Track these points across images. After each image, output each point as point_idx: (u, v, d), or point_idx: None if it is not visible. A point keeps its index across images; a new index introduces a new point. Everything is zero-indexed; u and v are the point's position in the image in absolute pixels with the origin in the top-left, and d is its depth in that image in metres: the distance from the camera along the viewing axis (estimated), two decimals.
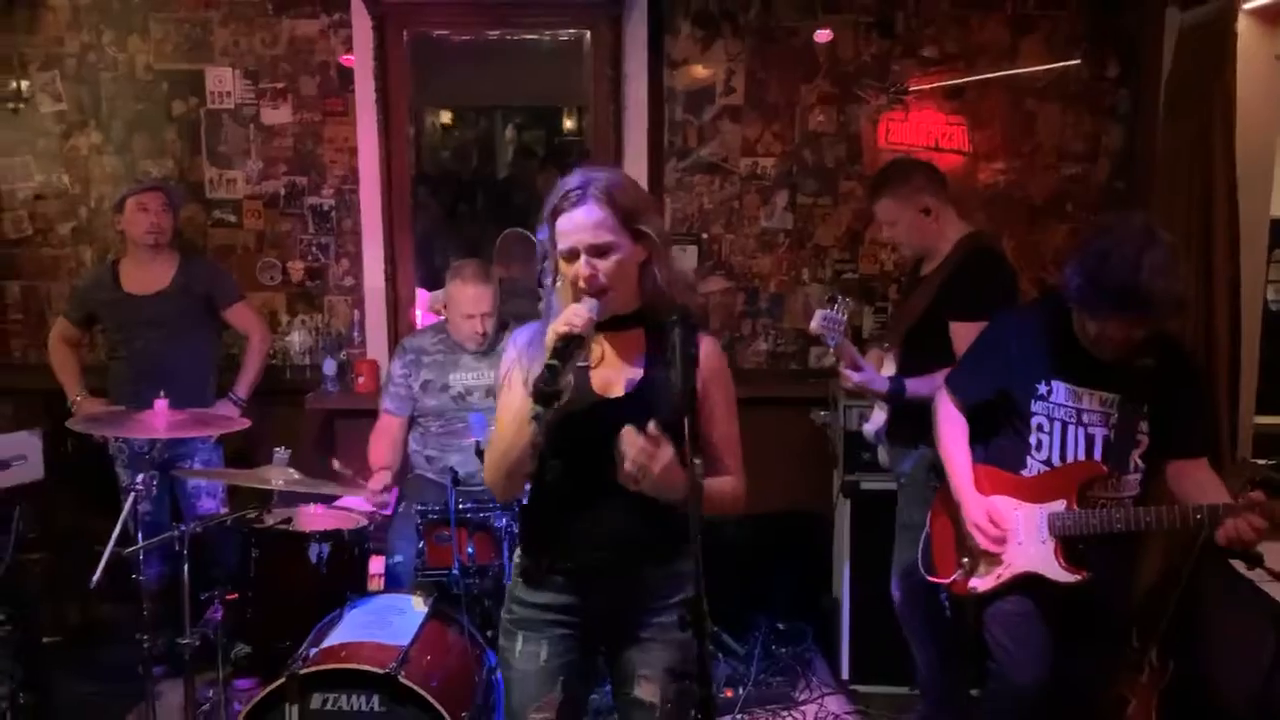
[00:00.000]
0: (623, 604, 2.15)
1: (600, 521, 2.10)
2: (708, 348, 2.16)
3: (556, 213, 2.05)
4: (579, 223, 2.02)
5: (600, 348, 2.12)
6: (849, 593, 3.89)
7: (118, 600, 3.59)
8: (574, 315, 1.96)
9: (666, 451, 1.94)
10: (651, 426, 1.94)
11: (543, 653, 2.15)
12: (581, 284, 2.02)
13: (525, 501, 2.23)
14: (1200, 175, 3.61)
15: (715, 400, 2.17)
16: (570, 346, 1.92)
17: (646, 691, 2.14)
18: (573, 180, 2.06)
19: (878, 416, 3.52)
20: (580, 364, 2.05)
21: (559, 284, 2.10)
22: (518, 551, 2.26)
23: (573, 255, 2.04)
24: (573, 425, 2.05)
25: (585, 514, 2.11)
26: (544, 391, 1.87)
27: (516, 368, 2.10)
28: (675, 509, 2.00)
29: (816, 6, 4.35)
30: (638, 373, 2.12)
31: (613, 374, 2.13)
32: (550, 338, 1.95)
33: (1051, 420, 2.68)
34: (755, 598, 4.23)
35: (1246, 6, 3.59)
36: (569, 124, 7.35)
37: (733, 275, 4.54)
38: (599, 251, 2.02)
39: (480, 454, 3.20)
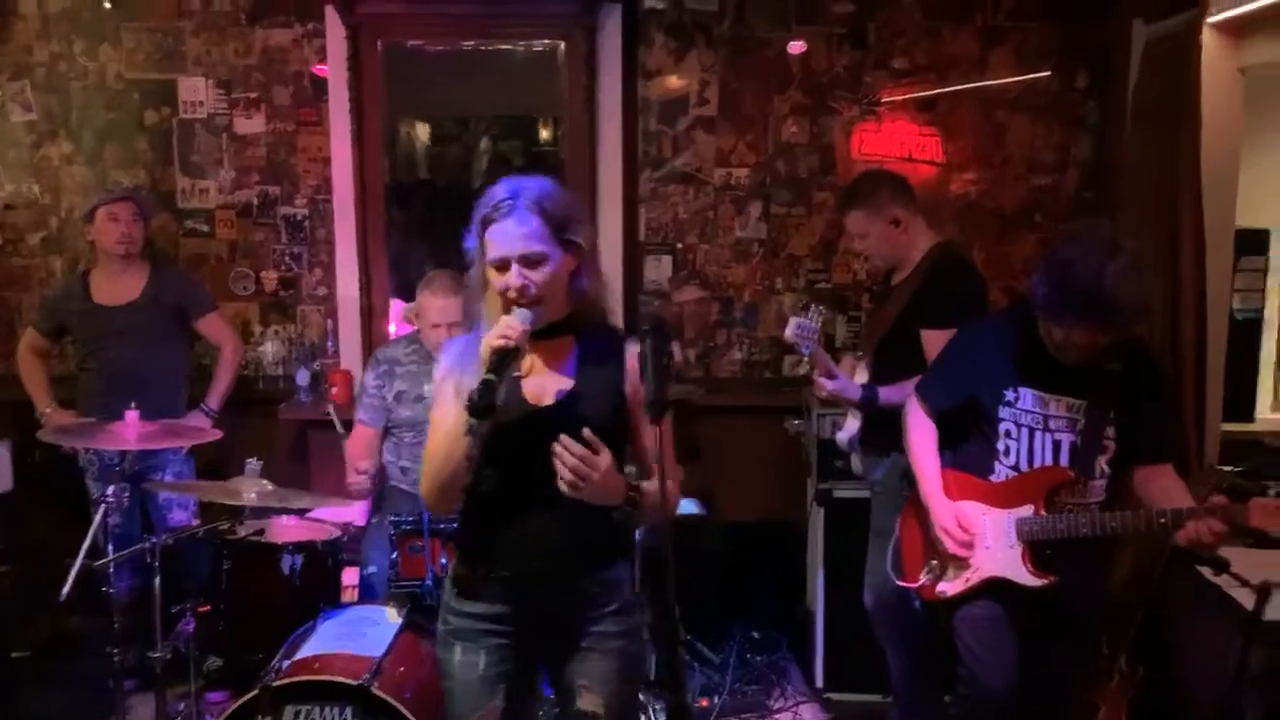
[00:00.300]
0: (559, 612, 2.15)
1: (534, 531, 2.11)
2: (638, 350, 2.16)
3: (487, 222, 2.05)
4: (510, 233, 2.03)
5: (530, 357, 2.13)
6: (823, 601, 3.91)
7: (88, 613, 3.56)
8: (508, 328, 1.98)
9: (605, 458, 1.96)
10: (587, 433, 1.96)
11: (480, 662, 2.15)
12: (513, 294, 2.03)
13: (460, 511, 2.23)
14: (1167, 185, 3.66)
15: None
16: (506, 359, 1.95)
17: (588, 701, 2.14)
18: (502, 190, 2.06)
19: (851, 424, 3.54)
20: (512, 374, 2.07)
21: (486, 294, 2.10)
22: (453, 562, 2.26)
23: (503, 265, 2.04)
24: (506, 435, 2.06)
25: (520, 523, 2.12)
26: (479, 405, 1.88)
27: (448, 380, 2.10)
28: (610, 517, 2.06)
29: (789, 18, 4.39)
30: (568, 381, 2.13)
31: (544, 382, 2.13)
32: (485, 350, 1.97)
33: (1019, 426, 2.71)
34: (730, 606, 4.24)
35: (1211, 20, 3.64)
36: (545, 134, 7.36)
37: (707, 285, 4.56)
38: (530, 262, 2.03)
39: None
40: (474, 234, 2.09)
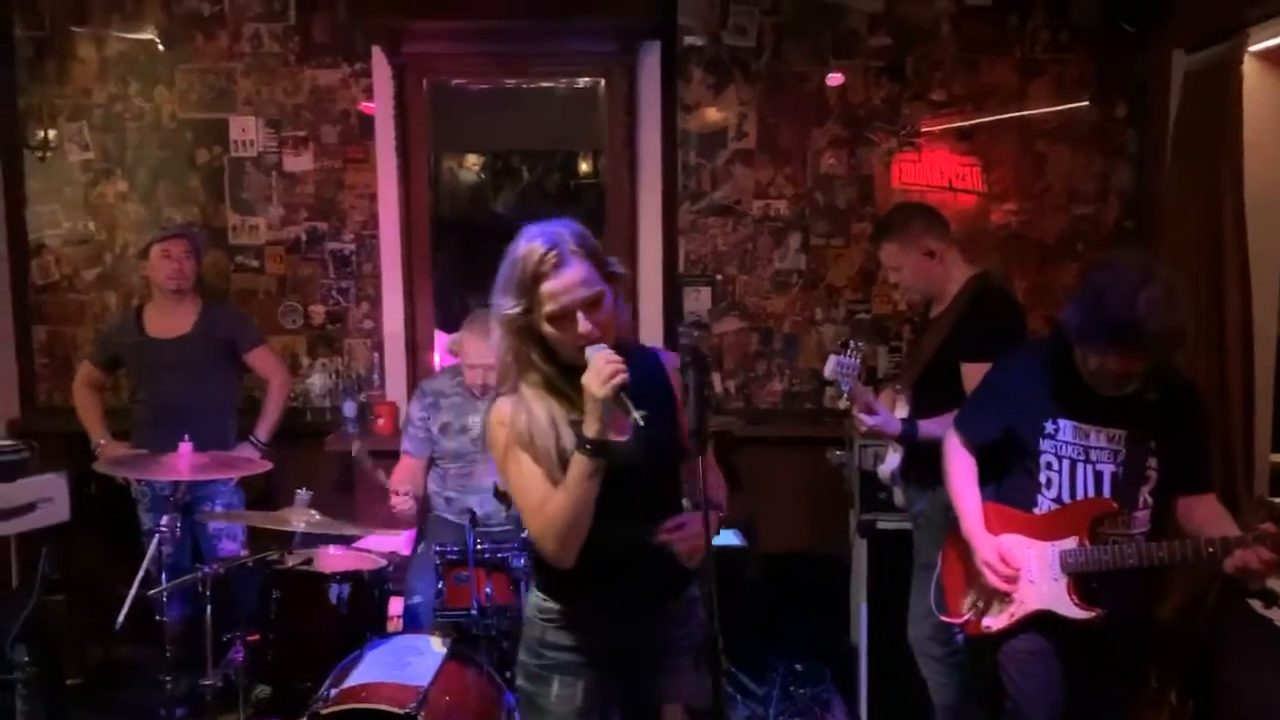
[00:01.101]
0: (648, 637, 2.18)
1: (622, 560, 2.12)
2: (673, 360, 2.22)
3: (539, 279, 2.00)
4: (571, 282, 2.00)
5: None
6: (866, 633, 3.88)
7: (140, 642, 3.62)
8: (611, 365, 1.95)
9: (696, 523, 2.01)
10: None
11: (579, 695, 2.17)
12: (587, 332, 2.01)
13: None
14: (1209, 214, 3.65)
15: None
16: (627, 391, 1.94)
17: (675, 715, 2.17)
18: (539, 243, 2.02)
19: (892, 458, 3.53)
20: (573, 418, 2.05)
21: (531, 360, 2.08)
22: (536, 595, 2.26)
23: (564, 315, 2.01)
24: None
25: (608, 555, 2.12)
26: (603, 442, 1.94)
27: (515, 447, 2.08)
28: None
29: (826, 52, 4.43)
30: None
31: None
32: (609, 392, 1.93)
33: (1060, 458, 2.69)
34: (773, 638, 4.22)
35: (1253, 49, 3.64)
36: (585, 167, 7.45)
37: (747, 316, 4.59)
38: (593, 305, 2.01)
39: (499, 495, 3.25)
40: (514, 292, 2.03)
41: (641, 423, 1.90)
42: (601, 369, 1.95)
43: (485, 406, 3.59)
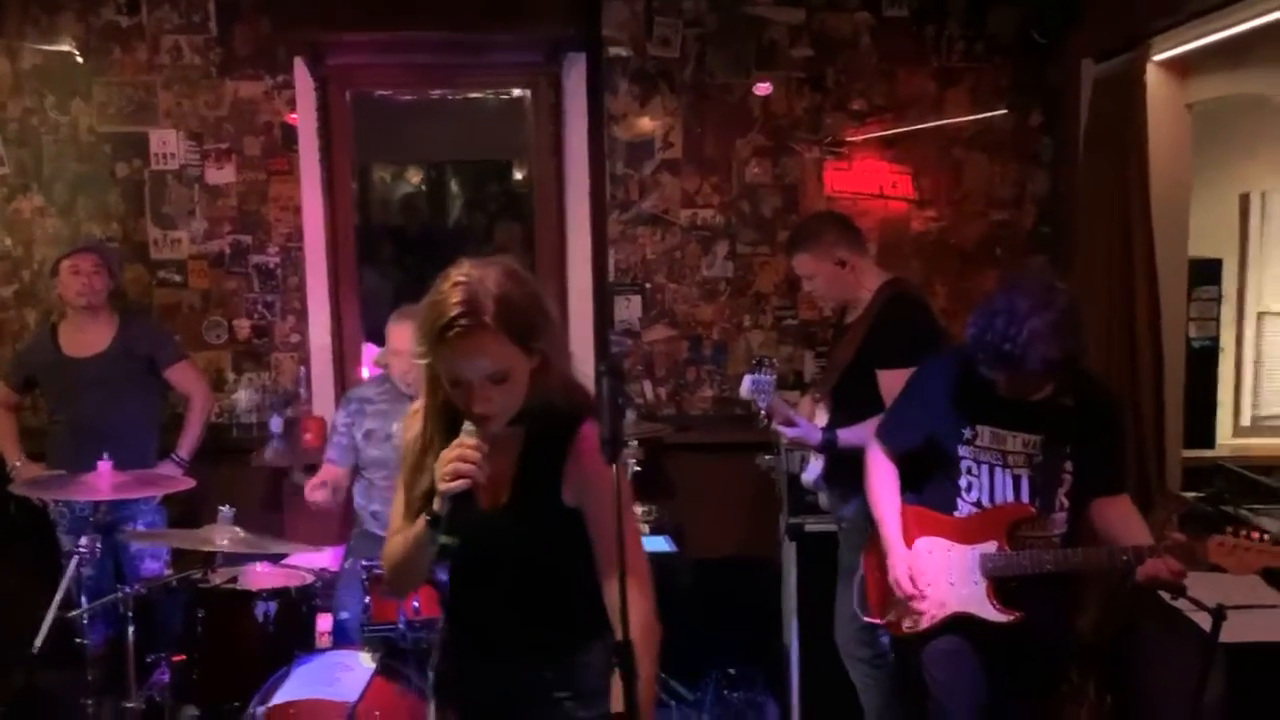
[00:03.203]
0: (519, 687, 2.04)
1: (500, 624, 2.03)
2: (587, 442, 1.89)
3: (442, 338, 1.80)
4: (471, 356, 1.81)
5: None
6: (797, 636, 3.92)
7: (61, 666, 3.53)
8: (465, 464, 1.80)
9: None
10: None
11: None
12: (475, 410, 1.84)
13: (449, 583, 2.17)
14: (1119, 218, 3.77)
15: (596, 510, 1.89)
16: (465, 503, 1.80)
17: None
18: (455, 300, 1.79)
19: (815, 464, 3.58)
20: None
21: (428, 391, 1.94)
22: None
23: (461, 384, 1.84)
24: (462, 539, 1.88)
25: (487, 614, 2.04)
26: (438, 549, 1.79)
27: (405, 462, 2.01)
28: (569, 602, 1.97)
29: (749, 63, 4.49)
30: (508, 481, 1.97)
31: (494, 479, 1.92)
32: (442, 489, 1.80)
33: (979, 463, 2.75)
34: (706, 643, 4.24)
35: (1156, 58, 3.76)
36: (518, 175, 7.44)
37: (676, 324, 4.62)
38: (495, 380, 1.84)
39: None
40: (423, 338, 1.84)
41: (443, 545, 1.77)
42: (450, 461, 1.81)
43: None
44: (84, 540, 3.22)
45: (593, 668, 2.00)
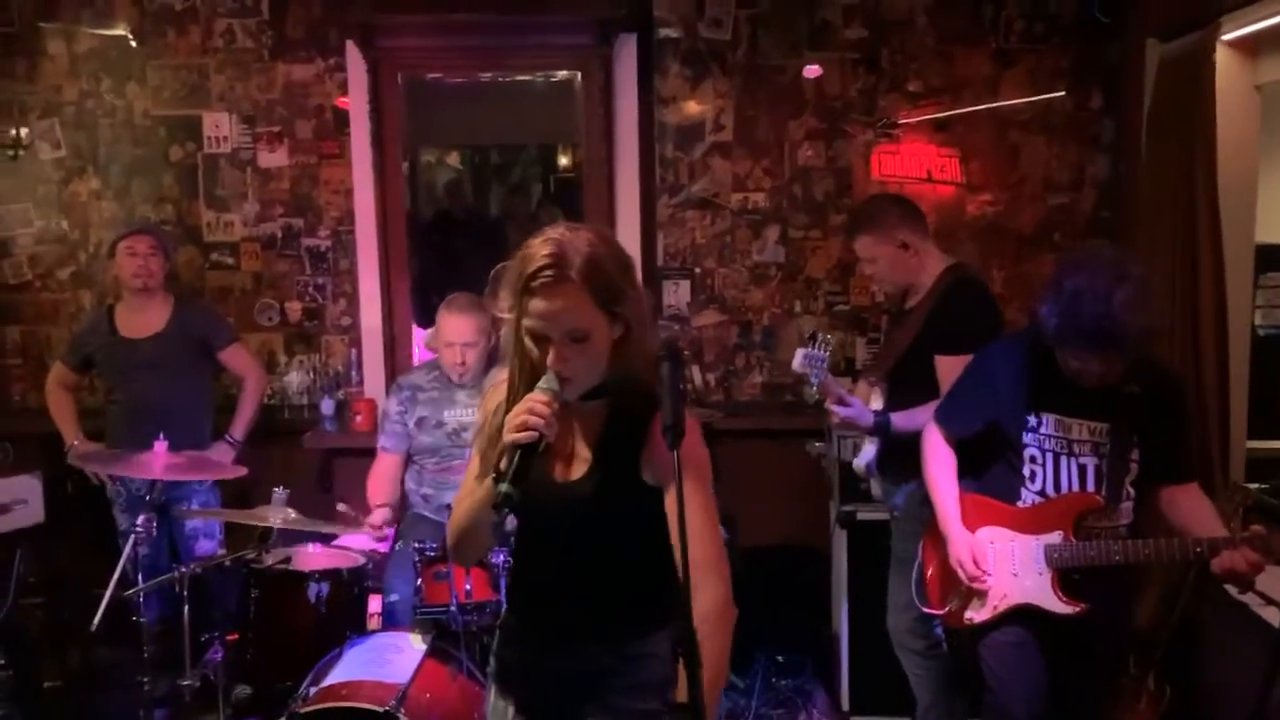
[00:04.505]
0: (585, 674, 2.02)
1: (550, 594, 2.03)
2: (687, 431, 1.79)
3: (527, 288, 1.81)
4: (554, 310, 1.80)
5: (562, 428, 1.91)
6: (847, 623, 3.90)
7: (118, 644, 3.59)
8: (534, 416, 1.76)
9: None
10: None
11: (509, 710, 2.08)
12: (554, 368, 1.83)
13: (512, 558, 2.17)
14: (1183, 203, 3.66)
15: (677, 498, 1.73)
16: (529, 456, 1.76)
17: None
18: (545, 253, 1.80)
19: (868, 450, 3.54)
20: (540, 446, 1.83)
21: (515, 358, 1.90)
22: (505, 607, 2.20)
23: (539, 337, 1.84)
24: (534, 511, 1.97)
25: (550, 591, 2.04)
26: (500, 502, 1.74)
27: (483, 432, 1.96)
28: (640, 589, 1.95)
29: (802, 45, 4.43)
30: (590, 454, 1.96)
31: (572, 453, 1.96)
32: (507, 441, 1.78)
33: (1044, 451, 2.70)
34: (755, 630, 4.21)
35: (1225, 38, 3.65)
36: (564, 160, 7.44)
37: (726, 309, 4.59)
38: (576, 339, 1.82)
39: None
40: (510, 292, 1.85)
41: (504, 493, 1.72)
42: (521, 411, 1.78)
43: (464, 394, 3.63)
44: (141, 519, 3.26)
45: (656, 659, 1.98)
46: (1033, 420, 2.70)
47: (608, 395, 1.94)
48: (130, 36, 4.45)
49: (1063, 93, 4.40)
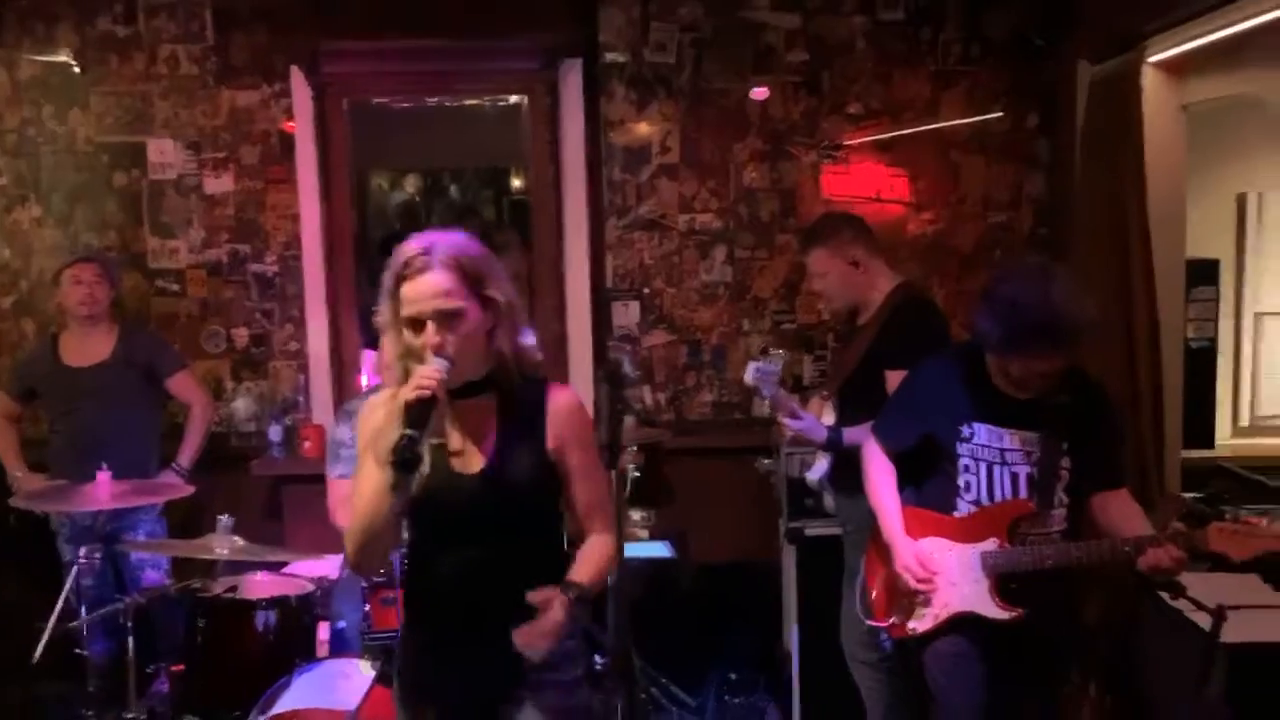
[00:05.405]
0: (497, 666, 2.08)
1: (454, 590, 2.09)
2: (561, 400, 2.11)
3: (400, 280, 1.98)
4: (426, 290, 1.96)
5: (453, 425, 2.08)
6: (798, 640, 3.92)
7: (62, 678, 3.54)
8: (423, 378, 1.92)
9: (556, 614, 1.98)
10: (532, 597, 1.97)
11: None
12: (428, 354, 1.97)
13: (404, 571, 2.24)
14: (1116, 220, 3.77)
15: (575, 459, 2.10)
16: (425, 410, 1.90)
17: None
18: (414, 246, 2.00)
19: (820, 464, 3.58)
20: (434, 441, 2.01)
21: (399, 362, 2.04)
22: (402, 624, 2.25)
23: (418, 323, 1.98)
24: (434, 505, 2.04)
25: (440, 584, 2.10)
26: (401, 459, 1.85)
27: (369, 452, 2.04)
28: (544, 577, 2.04)
29: (746, 68, 4.50)
30: (492, 444, 2.08)
31: (469, 447, 2.08)
32: (400, 403, 1.92)
33: (977, 461, 2.76)
34: (707, 648, 4.25)
35: (1152, 59, 3.76)
36: (517, 183, 7.45)
37: (675, 329, 4.62)
38: (447, 319, 1.97)
39: None
40: (385, 294, 2.02)
41: (405, 442, 1.86)
42: (413, 379, 1.93)
43: None
44: (84, 550, 3.23)
45: (567, 654, 2.10)
46: (966, 431, 2.76)
47: (492, 388, 2.08)
48: (73, 63, 4.43)
49: (1000, 113, 4.50)
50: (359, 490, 2.07)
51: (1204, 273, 4.26)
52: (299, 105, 4.46)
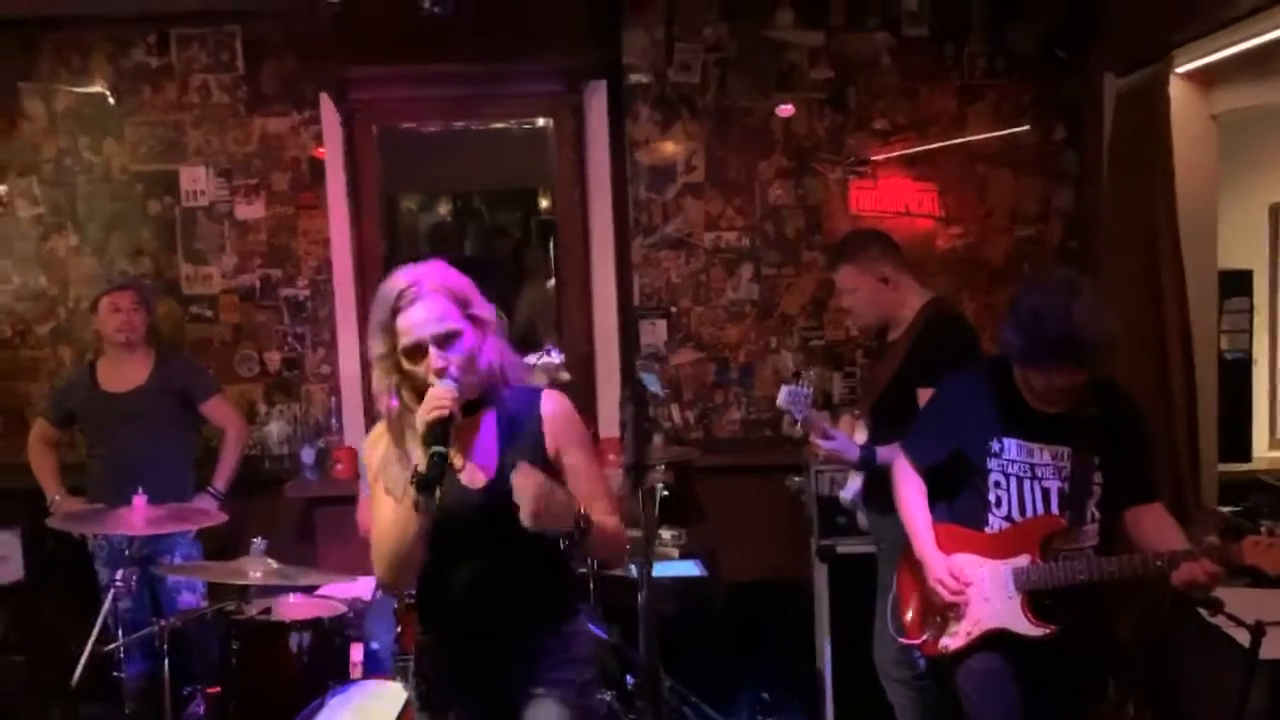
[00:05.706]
0: (510, 671, 2.19)
1: (466, 599, 2.18)
2: (554, 406, 2.22)
3: (394, 313, 2.09)
4: (423, 317, 2.08)
5: (455, 442, 2.13)
6: (830, 658, 3.90)
7: (100, 700, 3.58)
8: (438, 399, 2.02)
9: (553, 487, 2.05)
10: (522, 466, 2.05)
11: None
12: (433, 378, 2.07)
13: (416, 588, 2.31)
14: (1146, 231, 3.74)
15: (572, 459, 2.22)
16: (445, 428, 2.00)
17: None
18: (402, 279, 2.11)
19: (854, 483, 3.56)
20: (448, 458, 2.08)
21: (400, 396, 2.14)
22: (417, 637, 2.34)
23: (418, 351, 2.08)
24: (446, 519, 2.11)
25: (453, 592, 2.18)
26: (429, 477, 1.95)
27: (379, 483, 2.16)
28: (557, 576, 2.18)
29: (770, 87, 4.51)
30: (493, 457, 2.19)
31: (476, 464, 2.19)
32: (421, 425, 2.01)
33: (1007, 476, 2.74)
34: (739, 668, 4.23)
35: (1180, 70, 3.74)
36: (545, 203, 7.49)
37: (703, 346, 4.62)
38: (447, 341, 2.08)
39: None
40: (378, 329, 2.12)
41: (422, 468, 1.96)
42: (428, 401, 2.02)
43: None
44: (120, 574, 3.26)
45: (581, 635, 2.23)
46: (996, 446, 2.75)
47: (488, 404, 2.19)
48: (108, 94, 4.51)
49: (1027, 126, 4.49)
50: (379, 518, 2.16)
51: (1237, 284, 4.22)
52: (328, 131, 4.52)
